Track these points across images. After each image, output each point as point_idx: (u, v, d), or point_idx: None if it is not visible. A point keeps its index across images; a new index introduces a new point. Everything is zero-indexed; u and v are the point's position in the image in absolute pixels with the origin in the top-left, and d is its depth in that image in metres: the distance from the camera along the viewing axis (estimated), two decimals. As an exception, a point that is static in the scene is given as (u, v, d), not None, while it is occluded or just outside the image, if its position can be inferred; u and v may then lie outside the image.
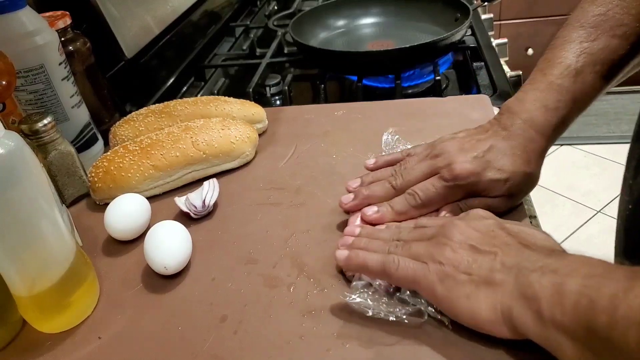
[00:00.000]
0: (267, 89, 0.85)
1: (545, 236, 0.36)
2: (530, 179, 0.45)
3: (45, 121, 0.53)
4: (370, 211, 0.46)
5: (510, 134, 0.45)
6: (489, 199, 0.44)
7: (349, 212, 0.48)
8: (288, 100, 0.80)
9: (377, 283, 0.39)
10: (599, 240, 1.65)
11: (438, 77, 0.74)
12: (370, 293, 0.39)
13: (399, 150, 0.54)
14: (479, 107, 0.65)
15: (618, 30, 0.44)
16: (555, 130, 0.45)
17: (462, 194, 0.45)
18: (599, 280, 0.28)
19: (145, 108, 0.66)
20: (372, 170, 0.51)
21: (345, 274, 0.43)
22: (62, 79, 0.59)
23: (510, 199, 0.45)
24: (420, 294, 0.37)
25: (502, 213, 0.45)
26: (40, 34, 0.56)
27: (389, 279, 0.38)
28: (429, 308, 0.37)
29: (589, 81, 0.44)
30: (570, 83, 0.44)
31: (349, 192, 0.49)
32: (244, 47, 1.03)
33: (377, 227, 0.45)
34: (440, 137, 0.49)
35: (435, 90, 0.74)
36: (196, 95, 0.85)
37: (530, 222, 0.46)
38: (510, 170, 0.43)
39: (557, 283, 0.30)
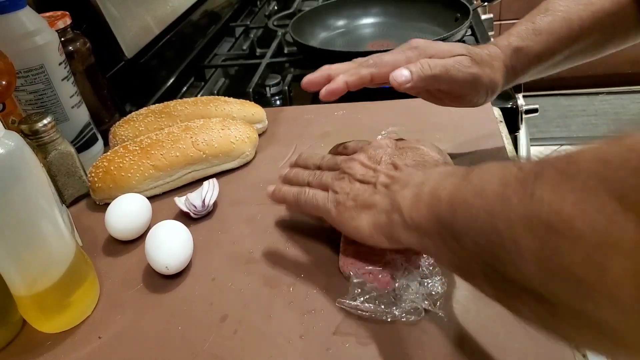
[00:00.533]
0: (267, 89, 0.85)
1: (433, 153, 0.43)
2: (490, 64, 0.47)
3: (45, 121, 0.53)
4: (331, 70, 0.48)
5: (479, 52, 0.48)
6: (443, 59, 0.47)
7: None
8: (288, 100, 0.80)
9: (371, 284, 0.39)
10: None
11: (438, 77, 0.74)
12: (365, 297, 0.39)
13: None
14: (479, 107, 0.64)
15: None
16: (515, 52, 0.48)
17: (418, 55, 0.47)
18: (446, 180, 0.33)
19: (145, 108, 0.66)
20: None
21: (341, 271, 0.43)
22: (62, 79, 0.59)
23: (474, 64, 0.46)
24: (325, 219, 0.43)
25: None
26: (40, 34, 0.56)
27: (301, 209, 0.45)
28: (425, 302, 0.37)
29: (558, 19, 0.47)
30: (536, 18, 0.48)
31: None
32: (244, 47, 1.03)
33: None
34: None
35: (435, 90, 0.74)
36: (196, 96, 0.85)
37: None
38: (465, 46, 0.48)
39: (416, 192, 0.35)
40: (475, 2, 0.89)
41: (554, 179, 0.24)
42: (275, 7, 1.25)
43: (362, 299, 0.38)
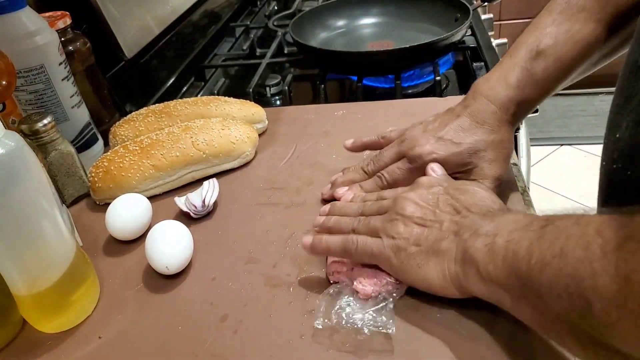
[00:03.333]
0: (267, 89, 0.85)
1: (487, 194, 0.40)
2: (497, 144, 0.46)
3: (45, 121, 0.53)
4: (342, 191, 0.50)
5: (473, 111, 0.47)
6: (464, 175, 0.47)
7: (328, 201, 0.51)
8: (288, 100, 0.80)
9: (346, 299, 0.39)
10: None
11: (438, 77, 0.74)
12: (335, 312, 0.38)
13: None
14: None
15: (580, 16, 0.46)
16: (518, 107, 0.47)
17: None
18: (520, 234, 0.32)
19: (145, 108, 0.66)
20: (350, 149, 0.56)
21: (328, 277, 0.43)
22: (62, 79, 0.59)
23: (486, 166, 0.46)
24: (381, 267, 0.40)
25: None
26: (41, 34, 0.56)
27: (352, 258, 0.41)
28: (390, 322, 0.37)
29: (551, 63, 0.46)
30: (530, 65, 0.46)
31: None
32: (244, 47, 1.03)
33: (345, 200, 0.48)
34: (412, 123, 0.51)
35: (435, 91, 0.74)
36: (196, 96, 0.85)
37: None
38: (471, 140, 0.46)
39: (489, 243, 0.34)
40: (475, 2, 0.89)
41: None
42: (275, 7, 1.25)
43: (332, 316, 0.38)
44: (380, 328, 0.37)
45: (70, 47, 0.64)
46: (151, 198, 0.55)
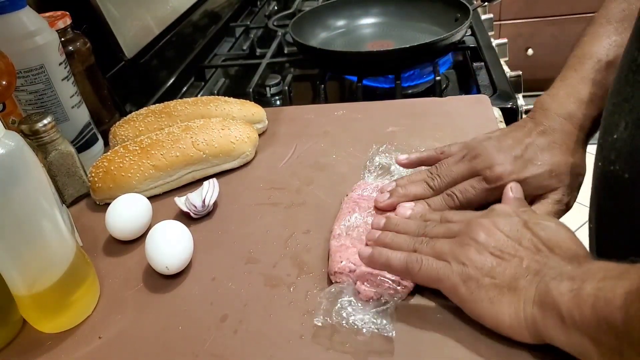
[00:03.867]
0: (267, 89, 0.85)
1: (570, 235, 0.36)
2: (575, 168, 0.44)
3: (45, 121, 0.53)
4: (405, 208, 0.45)
5: (547, 129, 0.45)
6: (545, 201, 0.44)
7: (382, 210, 0.47)
8: (288, 100, 0.80)
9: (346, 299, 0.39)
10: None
11: (438, 77, 0.74)
12: (336, 311, 0.38)
13: (383, 164, 0.54)
14: (479, 107, 0.65)
15: None
16: (593, 123, 0.44)
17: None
18: (614, 282, 0.29)
19: (145, 108, 0.66)
20: (405, 165, 0.51)
21: (330, 277, 0.42)
22: (62, 79, 0.59)
23: (565, 191, 0.44)
24: (444, 293, 0.37)
25: None
26: (41, 34, 0.56)
27: (413, 278, 0.38)
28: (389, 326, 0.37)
29: (611, 76, 0.44)
30: (602, 76, 0.44)
31: (384, 192, 0.48)
32: (244, 47, 1.03)
33: (402, 216, 0.44)
34: (475, 137, 0.48)
35: (435, 90, 0.74)
36: (196, 96, 0.85)
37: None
38: (551, 162, 0.43)
39: (575, 288, 0.30)
40: (475, 2, 0.89)
41: None
42: (275, 7, 1.25)
43: (333, 315, 0.38)
44: (380, 330, 0.37)
45: (70, 47, 0.64)
46: (151, 198, 0.55)
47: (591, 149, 0.43)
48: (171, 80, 0.86)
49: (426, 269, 0.37)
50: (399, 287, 0.39)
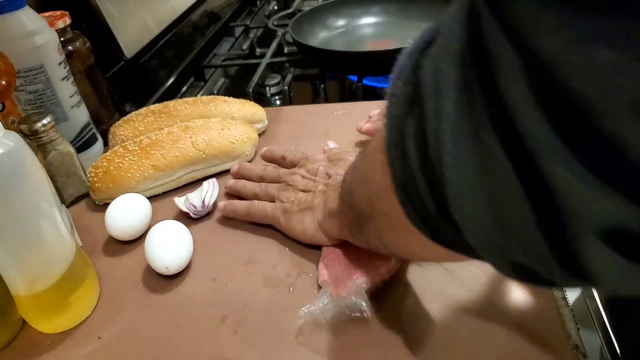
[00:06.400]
0: (267, 89, 0.85)
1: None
2: None
3: (44, 121, 0.53)
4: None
5: None
6: None
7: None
8: (288, 100, 0.80)
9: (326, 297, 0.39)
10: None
11: (438, 77, 0.74)
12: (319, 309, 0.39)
13: None
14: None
15: None
16: None
17: None
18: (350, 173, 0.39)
19: (145, 108, 0.66)
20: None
21: (319, 282, 0.42)
22: (62, 79, 0.59)
23: None
24: (274, 226, 0.48)
25: None
26: (40, 34, 0.55)
27: (252, 219, 0.50)
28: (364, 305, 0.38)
29: None
30: None
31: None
32: (244, 47, 1.03)
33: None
34: None
35: (435, 90, 0.74)
36: (196, 95, 0.85)
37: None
38: None
39: (336, 189, 0.42)
40: (475, 2, 0.89)
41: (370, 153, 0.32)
42: (275, 7, 1.25)
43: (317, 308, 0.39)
44: (356, 313, 0.37)
45: (70, 47, 0.64)
46: (151, 198, 0.55)
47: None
48: (171, 80, 0.86)
49: (260, 210, 0.49)
50: (375, 279, 0.40)
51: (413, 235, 0.25)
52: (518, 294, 0.39)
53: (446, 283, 0.40)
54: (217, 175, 0.59)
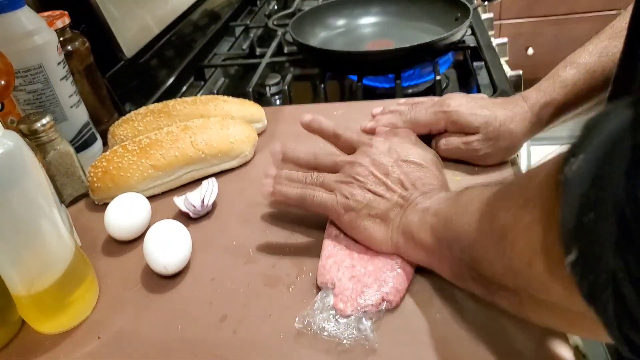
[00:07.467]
0: (267, 88, 0.84)
1: (430, 173, 0.45)
2: (509, 132, 0.51)
3: (43, 121, 0.53)
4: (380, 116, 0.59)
5: (506, 101, 0.54)
6: (467, 136, 0.53)
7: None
8: (288, 100, 0.80)
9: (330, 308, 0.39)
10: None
11: (438, 77, 0.74)
12: (315, 322, 0.38)
13: None
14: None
15: (622, 33, 0.46)
16: (543, 109, 0.51)
17: (444, 124, 0.54)
18: (442, 204, 0.39)
19: (144, 108, 0.66)
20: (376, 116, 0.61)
21: (317, 282, 0.42)
22: (61, 79, 0.59)
23: (482, 137, 0.52)
24: (329, 217, 0.46)
25: None
26: (39, 34, 0.55)
27: (306, 208, 0.46)
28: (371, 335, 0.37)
29: (582, 71, 0.50)
30: (562, 72, 0.51)
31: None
32: (244, 47, 1.03)
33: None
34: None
35: (435, 90, 0.74)
36: (196, 95, 0.85)
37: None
38: (488, 114, 0.52)
39: (422, 217, 0.40)
40: (475, 2, 0.89)
41: (507, 198, 0.30)
42: (275, 7, 1.25)
43: (316, 325, 0.38)
44: (362, 342, 0.37)
45: (69, 47, 0.64)
46: (150, 198, 0.55)
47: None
48: (170, 80, 0.86)
49: (317, 200, 0.44)
50: (377, 306, 0.38)
51: (570, 316, 0.24)
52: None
53: (446, 283, 0.40)
54: (216, 175, 0.59)
